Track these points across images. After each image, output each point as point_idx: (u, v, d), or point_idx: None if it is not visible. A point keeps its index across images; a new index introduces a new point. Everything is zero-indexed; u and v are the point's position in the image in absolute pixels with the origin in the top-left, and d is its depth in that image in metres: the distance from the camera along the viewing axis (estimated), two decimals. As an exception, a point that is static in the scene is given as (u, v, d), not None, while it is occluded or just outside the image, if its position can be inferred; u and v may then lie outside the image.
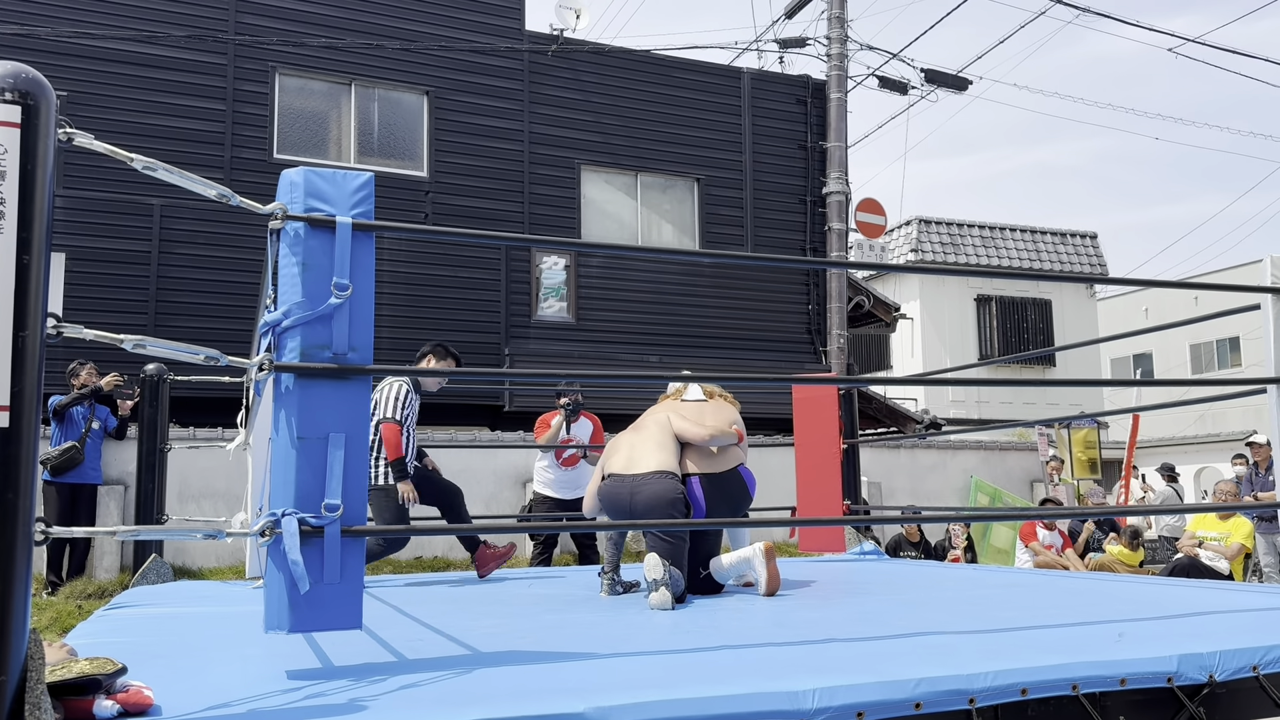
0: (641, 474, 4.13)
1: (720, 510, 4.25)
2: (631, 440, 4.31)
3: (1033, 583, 4.46)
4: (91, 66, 10.93)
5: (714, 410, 4.44)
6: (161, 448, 5.16)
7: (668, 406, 4.48)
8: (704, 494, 4.22)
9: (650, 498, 4.05)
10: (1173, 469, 11.47)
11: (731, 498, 4.28)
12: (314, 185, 2.45)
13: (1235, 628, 2.79)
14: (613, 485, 4.20)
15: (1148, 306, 27.21)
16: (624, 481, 4.16)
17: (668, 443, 4.23)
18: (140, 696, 1.89)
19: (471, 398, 11.99)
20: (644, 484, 4.10)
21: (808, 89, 14.45)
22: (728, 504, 4.27)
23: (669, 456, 4.18)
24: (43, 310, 1.84)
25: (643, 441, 4.26)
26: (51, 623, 6.71)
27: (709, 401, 4.54)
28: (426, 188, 12.23)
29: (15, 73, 1.85)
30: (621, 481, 4.17)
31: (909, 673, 2.14)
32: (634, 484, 4.13)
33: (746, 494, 4.36)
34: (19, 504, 1.74)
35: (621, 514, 4.16)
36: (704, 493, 4.22)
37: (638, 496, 4.08)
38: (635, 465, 4.19)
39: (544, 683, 2.14)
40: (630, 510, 4.10)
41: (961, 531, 9.78)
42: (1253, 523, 8.56)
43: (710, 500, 4.22)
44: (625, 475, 4.17)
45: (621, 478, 4.18)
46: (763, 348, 13.61)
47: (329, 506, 2.33)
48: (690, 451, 4.29)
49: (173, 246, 11.10)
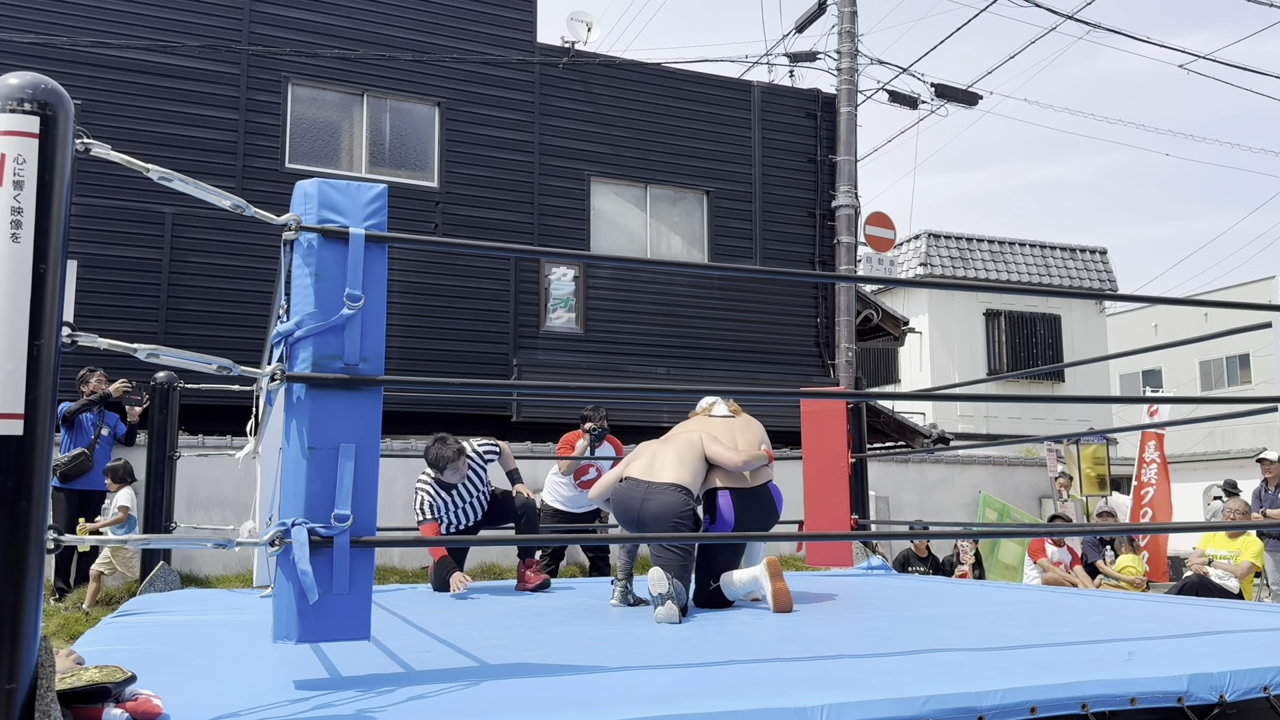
0: (656, 483, 4.16)
1: (749, 525, 4.25)
2: (656, 450, 4.33)
3: (1041, 600, 4.44)
4: (106, 75, 11.00)
5: (743, 429, 4.46)
6: (170, 455, 5.17)
7: (699, 424, 4.50)
8: (733, 508, 4.23)
9: (659, 508, 4.06)
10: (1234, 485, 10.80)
11: (761, 513, 4.29)
12: (328, 197, 2.46)
13: (1246, 647, 2.77)
14: (627, 488, 4.23)
15: (1157, 323, 27.14)
16: (638, 487, 4.18)
17: (691, 460, 4.24)
18: (149, 705, 1.89)
19: (479, 408, 12.00)
20: (656, 493, 4.12)
21: (818, 103, 14.47)
22: (758, 519, 4.28)
23: (687, 473, 4.19)
24: (58, 319, 1.85)
25: (666, 453, 4.28)
26: (59, 629, 6.72)
27: (737, 419, 4.56)
28: (437, 198, 12.26)
29: (34, 83, 1.86)
30: (636, 486, 4.20)
31: (917, 690, 2.13)
32: (647, 491, 4.15)
33: (775, 510, 4.36)
34: (32, 512, 1.75)
35: (630, 518, 4.18)
36: (733, 506, 4.23)
37: (648, 504, 4.10)
38: (653, 474, 4.21)
39: (551, 696, 2.14)
40: (639, 516, 4.13)
41: (970, 547, 9.74)
42: (1263, 542, 8.51)
43: (740, 515, 4.23)
44: (641, 481, 4.20)
45: (637, 483, 4.21)
46: (771, 361, 13.60)
47: (339, 517, 2.33)
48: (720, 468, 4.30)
49: (184, 255, 11.15)
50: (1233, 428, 22.34)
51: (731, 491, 4.25)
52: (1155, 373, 26.92)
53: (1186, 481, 15.63)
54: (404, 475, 9.63)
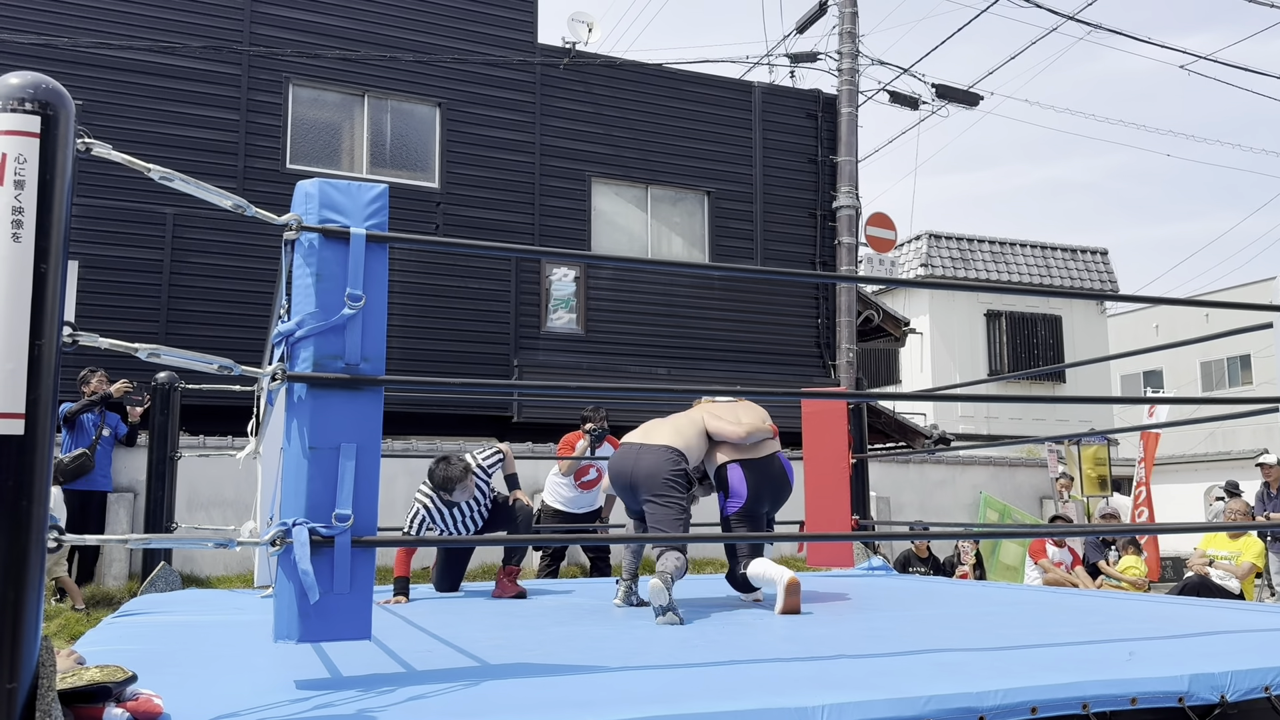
0: (648, 444, 4.18)
1: (763, 496, 4.26)
2: (655, 422, 4.36)
3: (1042, 600, 4.44)
4: (107, 76, 11.01)
5: (746, 408, 4.47)
6: (171, 455, 5.18)
7: (701, 408, 4.50)
8: (744, 480, 4.24)
9: (649, 467, 4.09)
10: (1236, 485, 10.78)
11: (773, 483, 4.30)
12: (329, 197, 2.46)
13: (1247, 647, 2.77)
14: (621, 453, 4.25)
15: (1158, 323, 27.13)
16: (631, 449, 4.21)
17: (689, 431, 4.25)
18: (150, 705, 1.89)
19: (480, 408, 12.00)
20: (647, 453, 4.14)
21: (818, 103, 14.47)
22: (770, 489, 4.29)
23: (682, 439, 4.20)
24: (59, 319, 1.85)
25: (664, 423, 4.31)
26: (60, 629, 6.72)
27: (740, 402, 4.56)
28: (438, 199, 12.27)
29: (35, 83, 1.86)
30: (629, 449, 4.23)
31: (919, 690, 2.13)
32: (639, 453, 4.17)
33: (787, 480, 4.37)
34: (33, 511, 1.75)
35: (624, 483, 4.21)
36: (744, 479, 4.24)
37: (639, 464, 4.13)
38: (646, 437, 4.23)
39: (552, 696, 2.14)
40: (631, 478, 4.16)
41: (970, 548, 9.74)
42: (1265, 543, 8.49)
43: (752, 486, 4.23)
44: (634, 444, 4.23)
45: (630, 445, 4.24)
46: (772, 361, 13.60)
47: (340, 516, 2.33)
48: (726, 444, 4.30)
49: (185, 255, 11.15)
50: (1234, 429, 22.33)
51: (741, 464, 4.25)
52: (1156, 373, 26.91)
53: (1188, 482, 15.63)
54: (405, 475, 9.63)
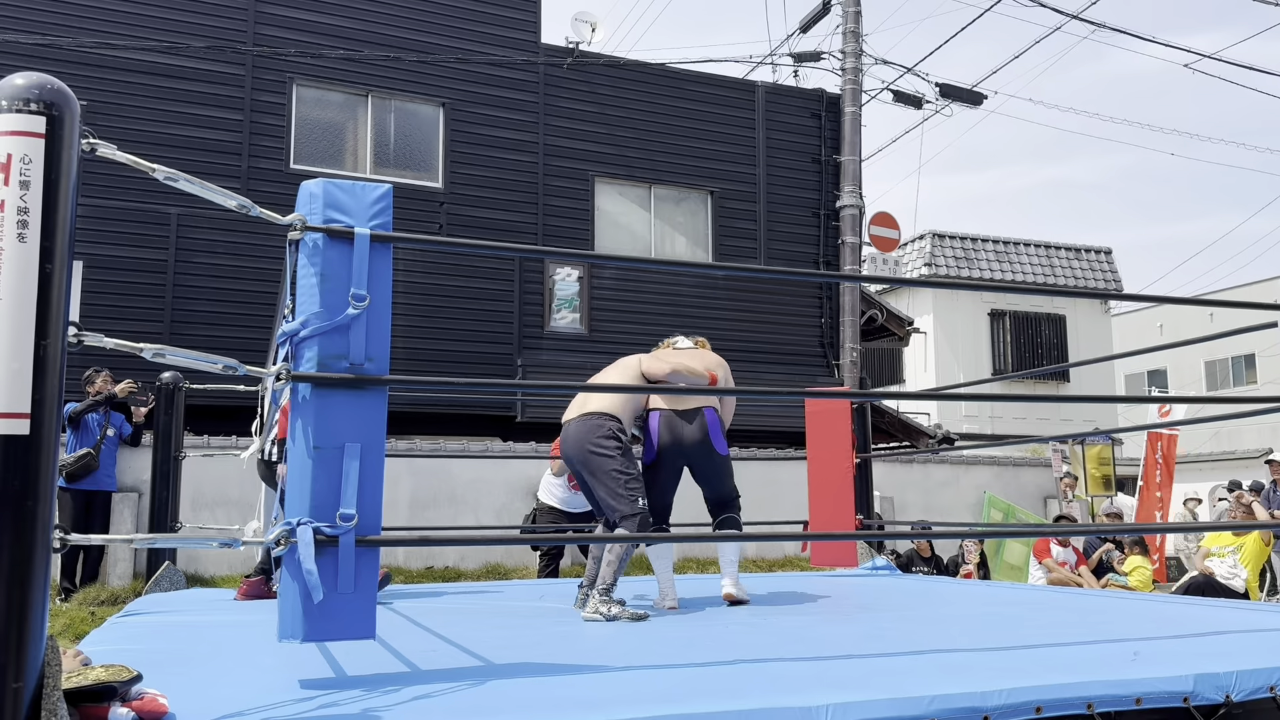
0: (572, 419, 4.05)
1: (668, 451, 4.11)
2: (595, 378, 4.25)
3: (1047, 600, 4.43)
4: (111, 76, 11.02)
5: (699, 356, 4.28)
6: (176, 455, 5.18)
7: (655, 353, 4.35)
8: (657, 430, 4.09)
9: (574, 443, 3.97)
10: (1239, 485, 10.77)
11: (680, 438, 4.10)
12: (333, 197, 2.46)
13: (1252, 647, 2.76)
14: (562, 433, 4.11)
15: (1162, 323, 27.07)
16: (565, 428, 4.08)
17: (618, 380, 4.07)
18: (155, 705, 1.90)
19: (484, 408, 12.00)
20: (570, 429, 4.02)
21: (822, 103, 14.45)
22: (676, 443, 4.10)
23: (607, 400, 4.00)
24: (64, 319, 1.85)
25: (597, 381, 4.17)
26: (64, 629, 6.73)
27: (699, 349, 4.41)
28: (441, 198, 12.27)
29: (40, 84, 1.87)
30: (564, 429, 4.09)
31: (923, 690, 2.13)
32: (566, 430, 4.05)
33: (704, 435, 4.12)
34: (39, 511, 1.75)
35: (572, 469, 4.10)
36: (657, 428, 4.09)
37: (566, 444, 4.03)
38: (576, 409, 4.08)
39: (556, 695, 2.14)
40: (570, 459, 4.04)
41: (974, 548, 9.73)
42: (1271, 540, 8.48)
43: (664, 439, 4.09)
44: (567, 422, 4.09)
45: (566, 425, 4.09)
46: (775, 361, 13.58)
47: (344, 516, 2.33)
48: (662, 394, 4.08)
49: (190, 255, 11.16)
50: (1238, 428, 22.27)
51: (660, 413, 4.10)
52: (1160, 373, 26.86)
53: (1192, 481, 15.59)
54: (408, 475, 9.64)
